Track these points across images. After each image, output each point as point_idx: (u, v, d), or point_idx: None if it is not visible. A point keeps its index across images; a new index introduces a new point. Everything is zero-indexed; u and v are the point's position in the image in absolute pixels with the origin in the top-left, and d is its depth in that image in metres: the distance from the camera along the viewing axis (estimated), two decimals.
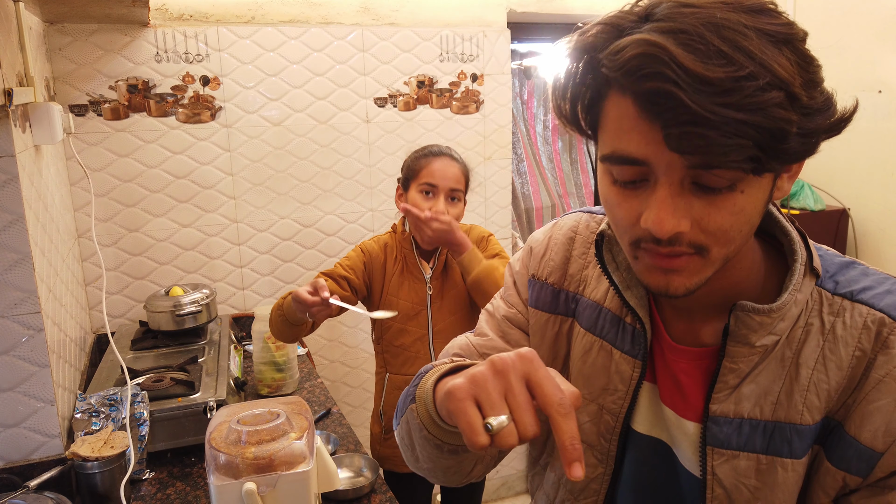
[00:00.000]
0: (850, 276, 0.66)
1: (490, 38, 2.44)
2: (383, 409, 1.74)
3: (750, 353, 0.65)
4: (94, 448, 1.32)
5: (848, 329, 0.64)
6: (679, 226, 0.56)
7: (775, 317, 0.63)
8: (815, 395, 0.64)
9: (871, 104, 2.41)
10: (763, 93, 0.50)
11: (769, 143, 0.52)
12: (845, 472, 0.63)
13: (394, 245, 1.72)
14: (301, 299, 1.43)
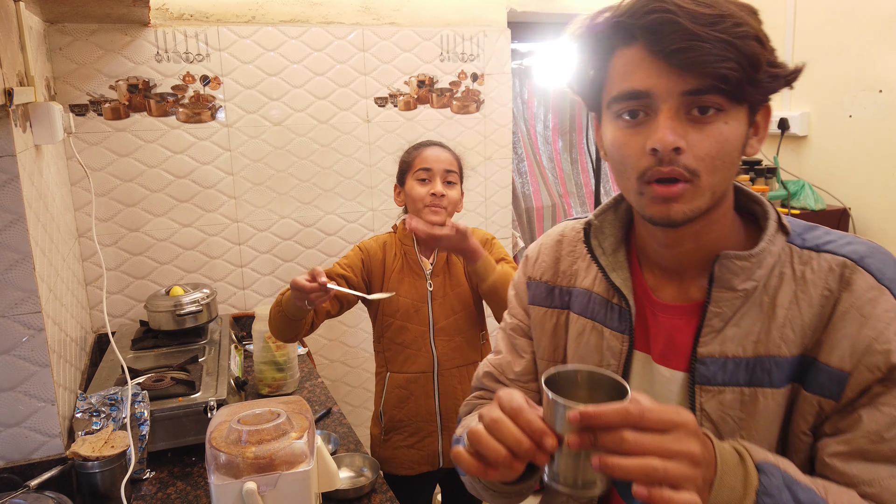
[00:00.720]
0: (814, 234, 0.77)
1: (490, 38, 2.44)
2: (384, 408, 1.74)
3: (733, 298, 0.74)
4: (95, 447, 1.32)
5: (816, 273, 0.73)
6: (677, 142, 0.67)
7: (754, 262, 0.73)
8: (790, 330, 0.72)
9: (872, 104, 2.41)
10: (741, 28, 0.65)
11: (746, 67, 0.66)
12: (820, 396, 0.71)
13: (393, 243, 1.73)
14: (299, 286, 1.42)
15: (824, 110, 2.58)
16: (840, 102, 2.52)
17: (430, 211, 1.64)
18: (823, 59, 2.56)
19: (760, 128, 0.74)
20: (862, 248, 0.73)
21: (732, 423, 0.74)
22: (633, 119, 0.71)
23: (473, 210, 2.54)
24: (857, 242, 0.74)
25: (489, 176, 2.54)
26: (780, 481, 0.64)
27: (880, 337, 0.68)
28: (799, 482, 0.66)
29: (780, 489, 0.63)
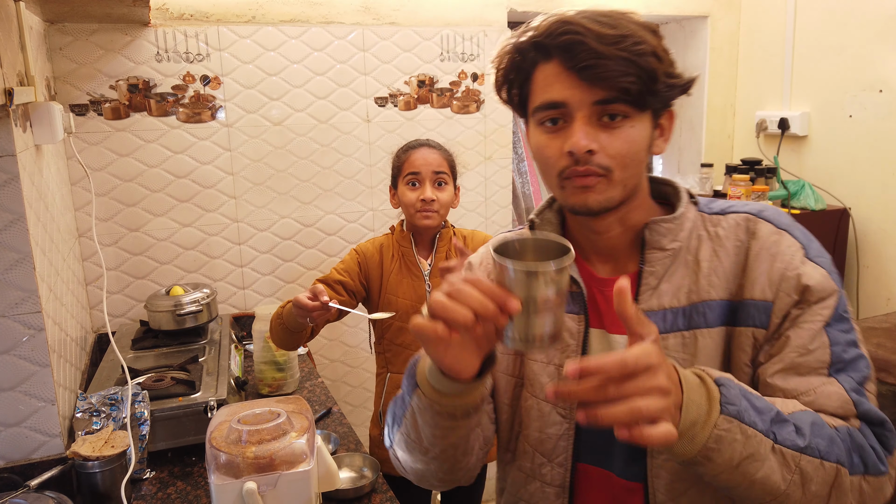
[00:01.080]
0: (717, 204, 0.91)
1: (491, 38, 2.44)
2: (384, 409, 1.74)
3: (663, 257, 0.86)
4: (95, 447, 1.32)
5: (726, 230, 0.87)
6: (590, 145, 0.78)
7: (677, 224, 0.86)
8: (715, 277, 0.85)
9: (872, 103, 2.41)
10: (640, 46, 0.76)
11: (646, 79, 0.76)
12: (752, 327, 0.82)
13: (390, 244, 1.73)
14: (302, 305, 1.44)
15: (824, 110, 2.58)
16: (840, 102, 2.52)
17: (422, 216, 1.64)
18: (823, 59, 2.56)
19: (665, 129, 0.86)
20: (758, 206, 0.89)
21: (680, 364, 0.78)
22: (553, 125, 0.82)
23: (473, 210, 2.54)
24: (751, 204, 0.90)
25: (489, 176, 2.54)
26: (737, 391, 0.71)
27: (790, 266, 0.81)
28: (751, 392, 0.73)
29: (738, 397, 0.70)
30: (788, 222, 0.86)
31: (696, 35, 2.89)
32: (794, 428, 0.73)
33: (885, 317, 2.22)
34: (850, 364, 0.80)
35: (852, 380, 0.79)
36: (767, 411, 0.72)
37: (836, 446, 0.74)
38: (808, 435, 0.72)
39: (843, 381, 0.79)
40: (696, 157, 2.97)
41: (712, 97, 2.90)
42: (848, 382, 0.79)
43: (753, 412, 0.70)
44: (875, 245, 2.49)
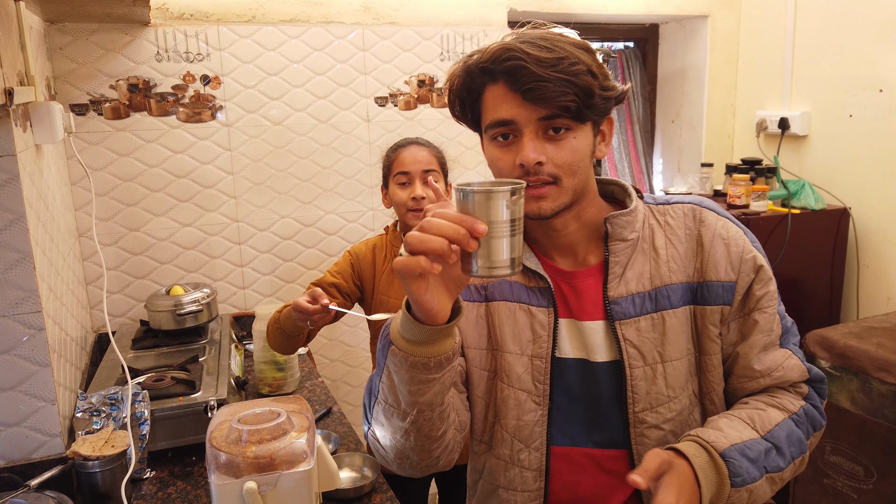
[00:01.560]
0: (658, 196, 1.02)
1: (491, 38, 2.43)
2: None
3: (625, 247, 0.95)
4: (95, 447, 1.32)
5: (675, 218, 0.98)
6: (538, 157, 0.87)
7: (632, 217, 0.95)
8: (673, 262, 0.96)
9: (872, 103, 2.41)
10: (575, 66, 0.85)
11: (583, 96, 0.86)
12: (719, 305, 0.94)
13: (383, 245, 1.72)
14: (302, 308, 1.45)
15: (824, 110, 2.58)
16: (840, 102, 2.52)
17: (413, 215, 1.64)
18: (824, 59, 2.56)
19: (606, 134, 0.96)
20: (696, 198, 1.01)
21: (650, 343, 0.95)
22: (505, 140, 0.91)
23: None
24: (690, 196, 1.02)
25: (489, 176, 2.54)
26: (738, 457, 0.84)
27: (745, 249, 0.95)
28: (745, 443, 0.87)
29: (741, 466, 0.84)
30: (724, 212, 0.99)
31: (696, 34, 2.89)
32: (776, 451, 0.89)
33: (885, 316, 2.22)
34: (789, 330, 0.98)
35: (796, 346, 0.98)
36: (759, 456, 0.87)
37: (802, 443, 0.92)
38: (786, 452, 0.89)
39: (795, 351, 0.97)
40: (696, 157, 2.97)
41: (712, 97, 2.90)
42: (796, 350, 0.97)
43: (752, 467, 0.85)
44: (875, 245, 2.48)
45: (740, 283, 0.94)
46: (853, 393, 1.98)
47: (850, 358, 1.97)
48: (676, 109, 3.05)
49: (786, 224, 2.38)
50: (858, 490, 1.97)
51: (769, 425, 0.90)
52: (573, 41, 0.89)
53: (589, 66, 0.86)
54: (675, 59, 3.02)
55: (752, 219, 2.34)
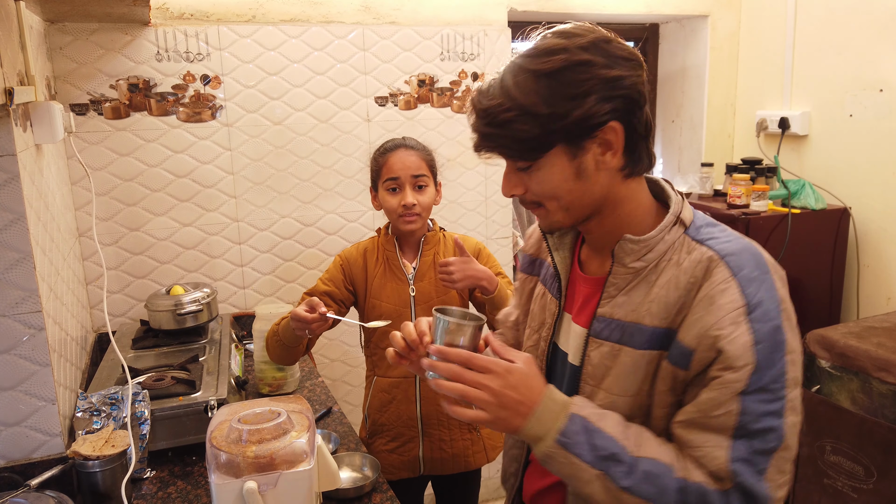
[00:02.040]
0: (708, 230, 0.92)
1: (491, 37, 2.44)
2: (368, 412, 1.73)
3: (626, 273, 0.93)
4: (96, 447, 1.32)
5: (690, 262, 0.89)
6: (514, 190, 0.94)
7: (643, 246, 0.91)
8: (656, 305, 0.89)
9: (872, 103, 2.41)
10: (507, 114, 0.86)
11: (513, 144, 0.88)
12: (675, 366, 0.87)
13: (374, 248, 1.71)
14: (301, 318, 1.45)
15: (825, 109, 2.58)
16: (840, 102, 2.52)
17: (404, 221, 1.63)
18: (824, 59, 2.56)
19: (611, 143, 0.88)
20: (733, 247, 0.88)
21: (602, 369, 0.95)
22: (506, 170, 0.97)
23: (474, 209, 2.54)
24: (734, 240, 0.89)
25: (489, 175, 2.54)
26: (579, 428, 0.86)
27: (717, 324, 0.83)
28: (601, 431, 0.86)
29: (577, 433, 0.86)
30: (753, 274, 0.85)
31: (696, 34, 2.89)
32: (626, 469, 0.85)
33: (886, 316, 2.22)
34: (756, 434, 0.82)
35: (748, 449, 0.82)
36: (604, 450, 0.85)
37: (664, 494, 0.84)
38: (636, 479, 0.84)
39: (735, 450, 0.82)
40: (696, 157, 2.97)
41: (712, 96, 2.90)
42: (740, 452, 0.82)
43: (587, 448, 0.85)
44: (875, 244, 2.48)
45: (697, 356, 0.85)
46: (853, 393, 1.98)
47: (850, 358, 1.97)
48: (677, 109, 3.05)
49: (786, 224, 2.38)
50: (858, 490, 1.97)
51: (645, 454, 0.86)
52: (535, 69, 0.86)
53: (527, 107, 0.85)
54: (675, 58, 3.02)
55: (752, 219, 2.34)
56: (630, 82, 0.86)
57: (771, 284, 0.86)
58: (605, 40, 0.88)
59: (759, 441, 0.82)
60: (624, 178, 0.92)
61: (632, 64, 0.88)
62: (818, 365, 2.08)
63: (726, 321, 0.82)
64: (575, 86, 0.85)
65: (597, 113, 0.85)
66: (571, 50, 0.86)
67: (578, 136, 0.87)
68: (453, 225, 2.51)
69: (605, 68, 0.85)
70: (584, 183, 0.90)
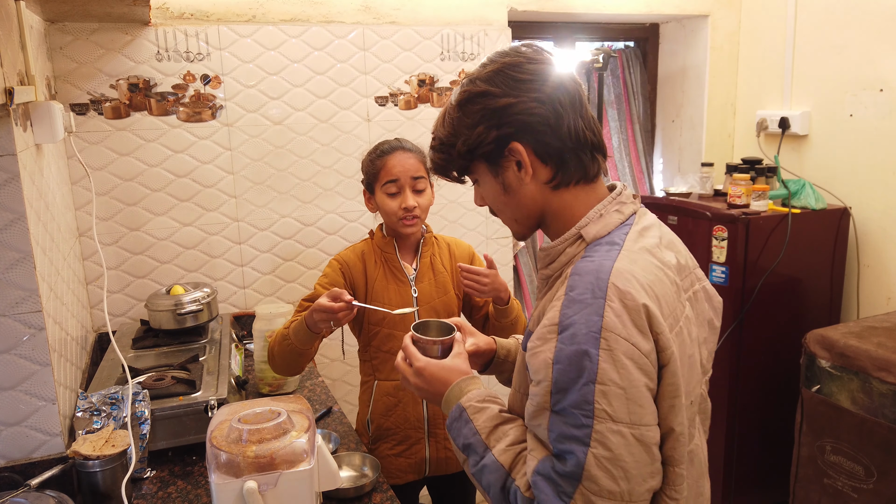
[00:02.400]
0: (597, 248, 0.92)
1: (491, 37, 2.44)
2: (371, 417, 1.69)
3: (540, 278, 1.02)
4: (96, 447, 1.32)
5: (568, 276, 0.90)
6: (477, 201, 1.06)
7: (546, 255, 0.98)
8: (538, 311, 0.96)
9: (873, 103, 2.41)
10: (434, 142, 1.02)
11: (439, 170, 1.03)
12: None
13: (371, 250, 1.69)
14: (326, 307, 1.42)
15: (825, 109, 2.58)
16: (841, 101, 2.52)
17: (404, 224, 1.62)
18: (824, 58, 2.56)
19: (524, 164, 0.94)
20: (586, 267, 0.88)
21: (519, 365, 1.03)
22: None
23: (474, 209, 2.54)
24: (597, 262, 0.88)
25: None
26: (458, 415, 0.99)
27: (535, 335, 0.88)
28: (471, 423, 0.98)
29: (455, 419, 0.99)
30: (584, 297, 0.84)
31: (696, 34, 2.89)
32: (476, 459, 0.96)
33: (886, 316, 2.22)
34: (559, 455, 0.83)
35: (552, 467, 0.83)
36: (465, 439, 0.97)
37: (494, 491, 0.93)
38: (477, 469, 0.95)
39: (542, 463, 0.85)
40: (696, 157, 2.97)
41: (713, 96, 2.90)
42: (545, 467, 0.84)
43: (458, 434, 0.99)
44: (875, 244, 2.48)
45: (520, 360, 0.99)
46: (853, 392, 1.98)
47: (850, 357, 1.97)
48: (677, 109, 3.05)
49: (786, 224, 2.38)
50: (859, 490, 1.97)
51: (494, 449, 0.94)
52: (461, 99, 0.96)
53: (442, 139, 0.99)
54: (675, 58, 3.02)
55: (752, 218, 2.34)
56: (523, 108, 0.91)
57: (596, 310, 0.82)
58: (513, 65, 0.93)
59: (561, 463, 0.82)
60: (553, 189, 0.96)
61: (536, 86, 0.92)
62: (818, 365, 2.08)
63: (538, 335, 0.87)
64: (470, 116, 0.95)
65: (483, 141, 0.94)
66: (475, 82, 0.95)
67: (489, 157, 0.96)
68: (453, 224, 2.51)
69: (498, 97, 0.92)
70: (513, 197, 0.98)
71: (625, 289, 0.83)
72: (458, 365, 1.07)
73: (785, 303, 2.45)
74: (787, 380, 2.41)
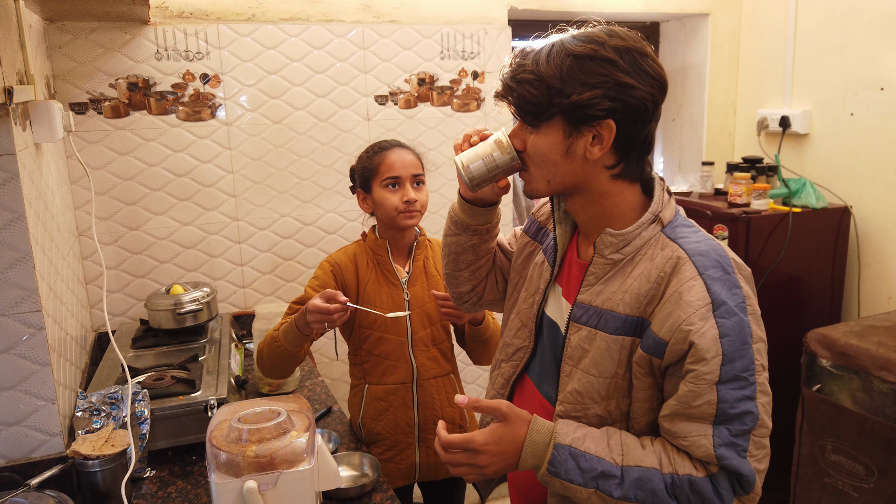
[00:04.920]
0: (683, 230, 1.00)
1: (491, 36, 2.43)
2: (362, 421, 1.68)
3: (604, 263, 1.02)
4: (95, 446, 1.32)
5: (661, 258, 0.97)
6: (517, 143, 1.04)
7: (621, 240, 1.00)
8: (629, 296, 0.98)
9: (873, 101, 2.40)
10: (526, 75, 0.97)
11: (520, 101, 0.99)
12: (649, 354, 0.96)
13: (363, 252, 1.69)
14: (321, 309, 1.42)
15: (826, 108, 2.58)
16: (841, 100, 2.51)
17: (405, 216, 1.62)
18: (825, 57, 2.56)
19: (604, 139, 0.96)
20: (701, 248, 0.96)
21: (580, 352, 1.03)
22: None
23: None
24: (703, 242, 0.97)
25: None
26: (565, 455, 0.96)
27: (687, 319, 0.91)
28: (586, 454, 0.96)
29: (563, 462, 0.95)
30: (716, 275, 0.93)
31: (697, 33, 2.88)
32: (617, 482, 0.94)
33: (886, 315, 2.22)
34: (735, 418, 0.92)
35: (729, 433, 0.92)
36: (592, 470, 0.95)
37: (658, 497, 0.94)
38: (626, 488, 0.94)
39: (717, 435, 0.92)
40: (697, 155, 2.97)
41: (713, 95, 2.90)
42: (723, 437, 0.92)
43: (577, 473, 0.95)
44: (876, 243, 2.48)
45: (670, 348, 0.93)
46: (854, 392, 1.98)
47: (850, 357, 1.97)
48: (677, 108, 3.05)
49: (787, 223, 2.38)
50: (859, 489, 1.97)
51: (632, 462, 0.95)
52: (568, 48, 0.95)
53: (546, 78, 0.95)
54: (675, 57, 3.01)
55: (752, 217, 2.34)
56: (640, 95, 0.94)
57: (734, 283, 0.94)
58: (641, 53, 0.97)
59: (737, 424, 0.91)
60: (611, 176, 1.00)
61: (653, 82, 0.97)
62: (819, 364, 2.07)
63: (696, 317, 0.91)
64: (590, 75, 0.93)
65: (595, 105, 0.93)
66: (605, 46, 0.94)
67: (576, 118, 0.95)
68: None
69: (624, 73, 0.93)
70: (569, 162, 0.99)
71: (738, 261, 0.98)
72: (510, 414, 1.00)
73: (785, 302, 2.45)
74: (787, 379, 2.41)
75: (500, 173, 1.07)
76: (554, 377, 1.10)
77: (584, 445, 0.96)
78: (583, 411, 1.03)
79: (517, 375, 1.19)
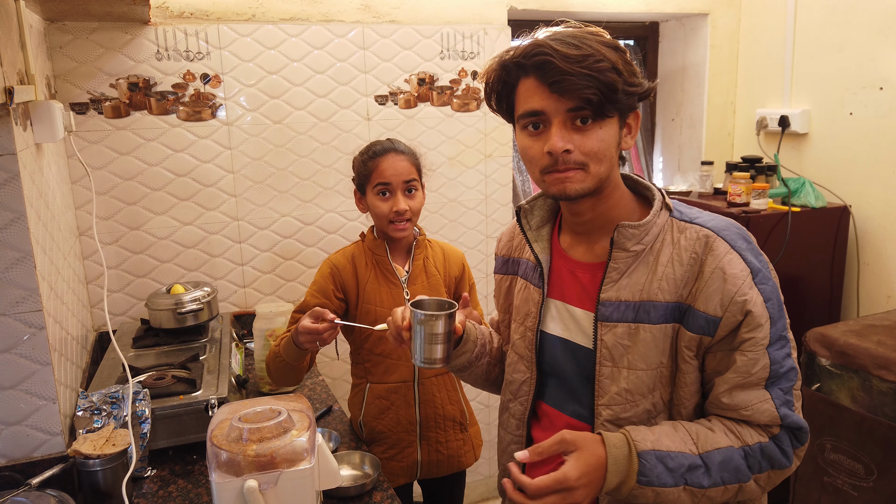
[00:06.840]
0: (690, 212, 1.05)
1: (491, 36, 2.43)
2: (364, 420, 1.68)
3: (626, 257, 1.01)
4: (96, 446, 1.32)
5: (687, 240, 1.00)
6: (566, 146, 0.95)
7: (642, 230, 1.00)
8: (665, 282, 0.99)
9: (873, 101, 2.41)
10: (599, 63, 0.92)
11: (605, 90, 0.93)
12: (700, 335, 0.97)
13: (361, 253, 1.69)
14: (310, 329, 1.43)
15: (825, 108, 2.58)
16: (841, 100, 2.52)
17: (395, 228, 1.62)
18: (824, 56, 2.56)
19: (633, 127, 1.02)
20: (720, 224, 1.01)
21: (621, 349, 1.01)
22: (535, 130, 0.99)
23: (474, 208, 2.54)
24: (718, 219, 1.02)
25: (490, 174, 2.54)
26: (653, 461, 0.93)
27: (739, 290, 0.95)
28: (669, 453, 0.94)
29: (653, 468, 0.93)
30: (744, 245, 0.99)
31: (696, 32, 2.89)
32: (703, 470, 0.95)
33: (886, 314, 2.22)
34: (783, 376, 0.97)
35: (782, 392, 0.97)
36: (680, 467, 0.94)
37: (741, 473, 0.96)
38: (714, 473, 0.95)
39: (775, 397, 0.97)
40: (696, 155, 2.97)
41: (713, 95, 2.90)
42: (779, 397, 0.97)
43: (667, 474, 0.94)
44: (875, 243, 2.48)
45: (725, 322, 0.96)
46: (853, 391, 1.98)
47: (850, 356, 1.97)
48: (677, 107, 3.05)
49: (786, 222, 2.38)
50: (859, 488, 1.97)
51: (709, 447, 0.96)
52: (602, 40, 0.96)
53: (614, 64, 0.93)
54: (675, 57, 3.02)
55: (752, 217, 2.34)
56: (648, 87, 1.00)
57: (757, 251, 1.00)
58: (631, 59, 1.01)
59: (784, 381, 0.97)
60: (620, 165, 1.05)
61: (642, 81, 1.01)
62: (818, 363, 2.08)
63: (745, 287, 0.95)
64: (631, 66, 0.97)
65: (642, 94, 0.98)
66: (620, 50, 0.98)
67: (628, 108, 0.99)
68: (453, 224, 2.51)
69: None
70: (615, 154, 1.00)
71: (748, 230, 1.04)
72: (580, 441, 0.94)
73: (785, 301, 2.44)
74: None
75: (444, 335, 1.10)
76: (584, 389, 1.07)
77: (664, 445, 0.95)
78: (632, 409, 1.02)
79: (529, 410, 1.17)
